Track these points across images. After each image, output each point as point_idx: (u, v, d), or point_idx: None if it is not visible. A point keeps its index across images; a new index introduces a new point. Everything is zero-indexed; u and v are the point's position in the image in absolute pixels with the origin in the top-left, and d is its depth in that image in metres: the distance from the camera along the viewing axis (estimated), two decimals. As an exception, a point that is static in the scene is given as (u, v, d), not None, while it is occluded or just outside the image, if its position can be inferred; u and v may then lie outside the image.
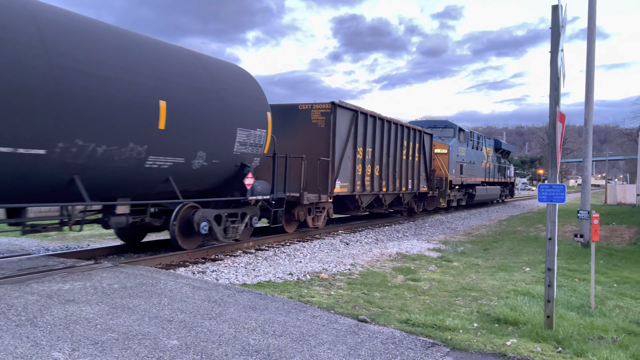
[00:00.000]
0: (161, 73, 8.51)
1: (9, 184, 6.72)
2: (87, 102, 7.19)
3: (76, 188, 7.37)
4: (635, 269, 10.99)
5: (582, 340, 5.32)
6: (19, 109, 6.41)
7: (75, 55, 7.10)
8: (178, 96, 8.70)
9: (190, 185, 9.66)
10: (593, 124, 14.71)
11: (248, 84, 10.81)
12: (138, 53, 8.23)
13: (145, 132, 8.10)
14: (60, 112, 6.86)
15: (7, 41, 6.31)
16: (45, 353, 3.91)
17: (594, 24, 14.35)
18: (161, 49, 8.94)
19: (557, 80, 5.66)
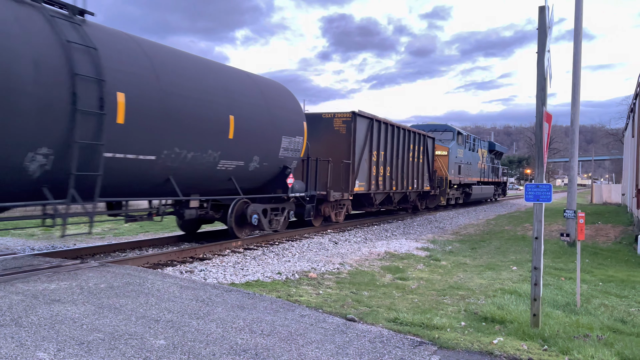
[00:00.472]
0: (229, 93, 10.40)
1: (132, 182, 8.67)
2: (182, 118, 9.06)
3: (171, 185, 9.34)
4: (620, 268, 11.12)
5: (567, 339, 5.38)
6: (144, 126, 8.28)
7: (174, 82, 9.00)
8: (241, 111, 10.59)
9: (245, 183, 11.44)
10: (579, 125, 14.86)
11: (288, 98, 12.76)
12: (213, 78, 10.16)
13: (219, 141, 10.02)
14: (166, 127, 8.71)
15: (134, 74, 8.20)
16: (30, 353, 3.87)
17: (581, 25, 14.49)
18: (227, 72, 10.85)
19: (544, 80, 5.71)
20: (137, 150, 8.29)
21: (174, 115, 8.86)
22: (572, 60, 14.55)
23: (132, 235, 13.67)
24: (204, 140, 9.62)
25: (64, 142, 7.18)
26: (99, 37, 7.97)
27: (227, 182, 10.78)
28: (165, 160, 8.88)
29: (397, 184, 18.68)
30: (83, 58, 7.42)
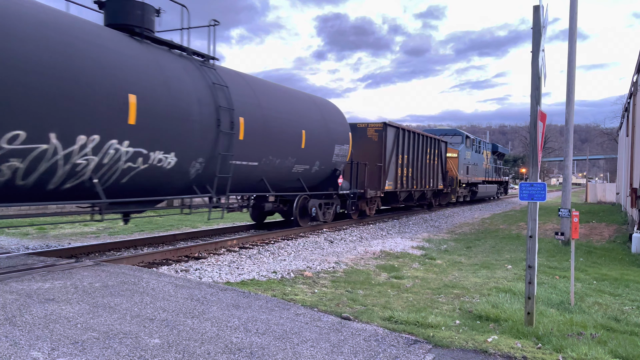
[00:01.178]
0: (301, 112, 13.39)
1: (242, 182, 11.45)
2: (274, 134, 11.91)
3: (264, 184, 12.27)
4: (614, 266, 11.18)
5: (561, 337, 5.40)
6: (253, 140, 11.29)
7: (270, 107, 11.96)
8: (309, 126, 13.49)
9: (307, 183, 14.12)
10: (574, 124, 14.91)
11: (337, 113, 15.68)
12: (290, 101, 13.16)
13: (295, 150, 12.87)
14: (265, 141, 11.59)
15: (247, 103, 11.14)
16: (24, 353, 3.86)
17: (575, 25, 14.54)
18: (299, 96, 13.98)
19: (539, 79, 5.73)
20: (249, 158, 11.28)
21: (270, 132, 11.79)
22: (567, 59, 14.61)
23: (127, 234, 13.63)
24: (286, 150, 12.51)
25: (210, 154, 10.09)
26: (225, 77, 10.84)
27: (296, 181, 13.66)
28: (263, 165, 11.82)
29: (417, 183, 21.40)
30: (220, 94, 10.37)
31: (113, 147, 8.06)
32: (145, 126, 8.54)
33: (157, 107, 8.76)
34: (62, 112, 7.17)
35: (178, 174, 9.52)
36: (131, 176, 8.63)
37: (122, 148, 8.21)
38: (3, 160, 6.64)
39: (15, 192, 7.06)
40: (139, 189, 9.04)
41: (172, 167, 9.31)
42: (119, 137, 8.10)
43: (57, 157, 7.27)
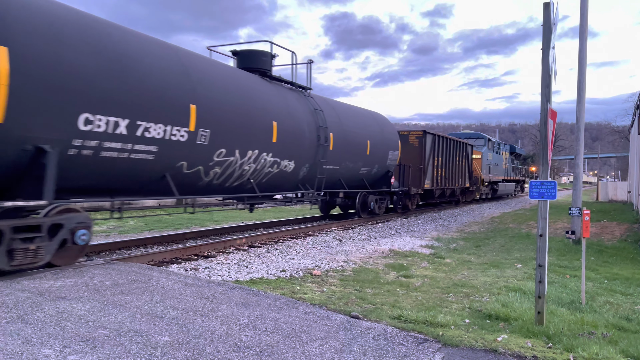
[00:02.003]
0: (365, 126, 16.46)
1: (328, 181, 14.48)
2: (350, 144, 15.17)
3: (340, 183, 15.48)
4: (626, 266, 11.08)
5: (572, 336, 5.37)
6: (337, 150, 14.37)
7: (347, 123, 15.15)
8: (371, 136, 16.54)
9: (368, 182, 17.33)
10: (585, 122, 14.79)
11: (389, 124, 18.92)
12: (357, 117, 16.33)
13: (362, 156, 16.00)
14: (344, 150, 14.79)
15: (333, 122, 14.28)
16: (36, 350, 3.90)
17: (586, 22, 14.41)
18: (363, 112, 17.32)
19: (549, 77, 5.69)
20: (334, 163, 14.47)
21: (347, 143, 15.00)
22: (578, 56, 14.48)
23: (137, 233, 13.71)
24: (357, 156, 15.67)
25: (313, 161, 13.30)
26: (318, 102, 14.12)
27: (360, 181, 16.78)
28: (342, 169, 15.02)
29: (449, 182, 24.41)
30: (319, 116, 13.62)
31: (263, 158, 11.36)
32: (281, 143, 11.79)
33: (286, 128, 12.02)
34: (242, 137, 10.49)
35: (293, 175, 12.85)
36: (269, 177, 11.97)
37: (268, 158, 11.52)
38: (211, 167, 9.93)
39: (210, 188, 10.48)
40: (272, 186, 12.41)
41: (291, 171, 12.64)
42: (267, 150, 11.38)
43: (236, 165, 10.59)
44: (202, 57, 10.35)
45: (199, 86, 9.33)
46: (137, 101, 7.99)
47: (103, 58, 7.54)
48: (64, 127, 7.02)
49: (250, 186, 11.41)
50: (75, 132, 7.18)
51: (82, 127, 7.25)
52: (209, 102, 9.48)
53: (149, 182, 8.83)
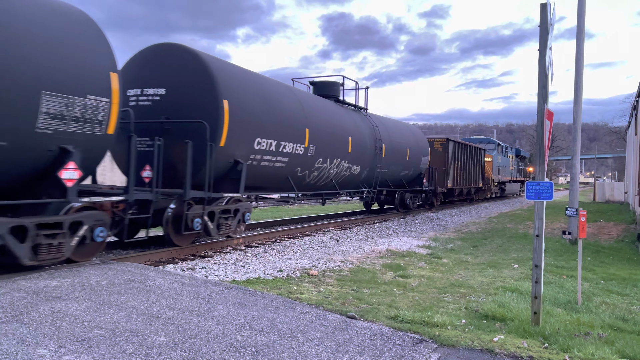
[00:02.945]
0: (404, 136, 19.82)
1: (381, 181, 18.11)
2: (395, 151, 18.46)
3: (387, 183, 18.94)
4: (622, 266, 11.10)
5: (568, 336, 5.37)
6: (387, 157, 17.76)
7: (392, 135, 18.33)
8: (409, 145, 19.99)
9: (406, 182, 20.97)
10: (582, 122, 14.81)
11: (421, 134, 22.55)
12: (398, 129, 19.61)
13: (403, 161, 19.36)
14: (391, 157, 18.04)
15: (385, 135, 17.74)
16: (31, 350, 3.88)
17: (583, 23, 14.44)
18: (400, 124, 20.56)
19: (546, 78, 5.69)
20: (385, 167, 17.90)
21: (393, 151, 18.29)
22: (575, 57, 14.51)
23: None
24: (399, 161, 19.08)
25: (371, 166, 16.65)
26: (373, 119, 17.55)
27: (399, 181, 20.24)
28: (389, 172, 18.47)
29: (466, 182, 27.99)
30: (375, 131, 17.05)
31: (342, 164, 14.82)
32: (353, 152, 15.32)
33: (356, 142, 15.53)
34: (331, 149, 13.99)
35: (358, 177, 16.37)
36: (343, 178, 15.51)
37: (344, 164, 14.99)
38: (312, 172, 13.48)
39: (308, 186, 14.02)
40: (343, 185, 15.80)
41: (357, 174, 16.14)
42: (344, 158, 14.88)
43: (326, 169, 14.07)
44: (306, 93, 14.43)
45: (309, 115, 13.05)
46: (279, 128, 11.56)
47: (262, 100, 11.18)
48: (247, 148, 10.65)
49: (332, 185, 15.12)
50: (252, 150, 10.81)
51: (255, 147, 10.88)
52: (315, 125, 13.18)
53: (279, 182, 12.51)
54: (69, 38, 7.02)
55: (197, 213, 9.56)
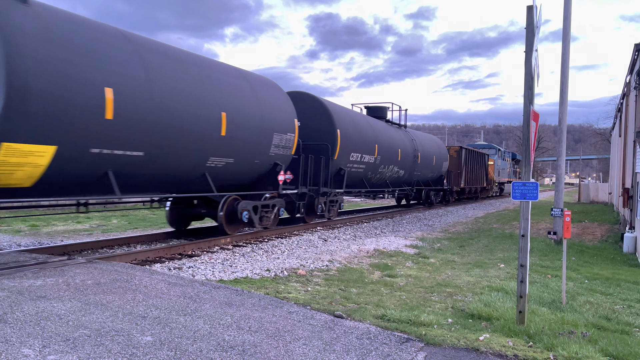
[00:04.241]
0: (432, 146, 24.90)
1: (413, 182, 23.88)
2: (426, 159, 23.64)
3: (418, 183, 24.23)
4: (606, 266, 11.25)
5: (552, 335, 5.43)
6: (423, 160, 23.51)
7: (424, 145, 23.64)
8: (434, 153, 24.88)
9: (431, 182, 25.75)
10: (567, 124, 14.98)
11: (442, 143, 26.93)
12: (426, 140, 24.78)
13: (430, 166, 24.50)
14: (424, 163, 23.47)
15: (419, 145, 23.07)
16: (15, 350, 3.84)
17: (569, 25, 14.60)
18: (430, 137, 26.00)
19: (532, 79, 5.75)
20: (418, 171, 22.72)
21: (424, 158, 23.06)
22: (561, 59, 14.67)
23: (120, 232, 13.58)
24: (428, 166, 24.05)
25: (410, 170, 21.75)
26: (411, 133, 22.65)
27: (426, 182, 25.27)
28: (421, 174, 23.40)
29: (473, 182, 33.11)
30: (413, 143, 22.11)
31: (394, 169, 20.02)
32: (402, 160, 20.53)
33: (403, 152, 20.71)
34: (388, 158, 19.00)
35: (401, 178, 21.57)
36: (393, 179, 20.67)
37: (395, 168, 20.06)
38: (375, 174, 18.43)
39: (372, 185, 19.07)
40: (392, 184, 21.17)
41: (401, 175, 21.26)
42: (395, 164, 20.02)
43: (384, 172, 19.10)
44: (372, 118, 19.63)
45: (376, 134, 18.30)
46: (362, 145, 16.87)
47: (354, 127, 16.50)
48: (347, 159, 15.98)
49: (386, 184, 20.62)
50: (349, 161, 16.12)
51: (351, 159, 16.17)
52: (380, 141, 18.37)
53: (358, 182, 18.05)
54: (280, 102, 12.62)
55: (320, 200, 15.23)
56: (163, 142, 8.79)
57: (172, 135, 8.90)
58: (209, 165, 10.17)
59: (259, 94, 11.64)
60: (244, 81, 11.38)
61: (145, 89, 8.36)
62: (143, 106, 8.30)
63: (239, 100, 10.77)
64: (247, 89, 11.22)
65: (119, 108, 7.87)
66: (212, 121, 9.79)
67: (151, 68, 8.60)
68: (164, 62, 9.03)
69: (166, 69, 8.96)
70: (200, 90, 9.58)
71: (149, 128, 8.45)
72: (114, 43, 8.17)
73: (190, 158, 9.56)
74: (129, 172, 8.57)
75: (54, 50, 7.05)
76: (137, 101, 8.20)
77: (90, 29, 7.93)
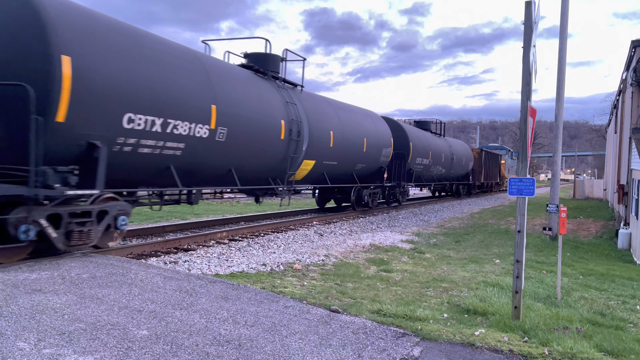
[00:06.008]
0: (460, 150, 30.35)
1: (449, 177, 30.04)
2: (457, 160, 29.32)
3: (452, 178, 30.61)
4: (601, 262, 11.31)
5: (547, 330, 5.46)
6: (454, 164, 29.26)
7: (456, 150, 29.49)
8: (463, 155, 30.70)
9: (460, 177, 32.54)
10: (563, 120, 15.01)
11: (468, 146, 34.14)
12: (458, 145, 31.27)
13: (460, 164, 29.97)
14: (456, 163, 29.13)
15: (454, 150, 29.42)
16: (10, 343, 3.83)
17: (566, 21, 14.60)
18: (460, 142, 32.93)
19: (529, 75, 5.75)
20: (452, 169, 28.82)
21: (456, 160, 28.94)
22: (558, 55, 14.68)
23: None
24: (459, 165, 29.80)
25: (448, 168, 27.78)
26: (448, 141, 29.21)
27: (455, 177, 30.32)
28: (455, 172, 29.43)
29: (490, 178, 39.33)
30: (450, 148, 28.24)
31: (439, 168, 25.59)
32: (444, 162, 26.22)
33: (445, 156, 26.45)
34: (436, 161, 24.88)
35: (442, 175, 26.79)
36: (437, 175, 26.09)
37: (440, 168, 25.69)
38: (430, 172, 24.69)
39: (423, 178, 24.08)
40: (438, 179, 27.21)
41: (443, 173, 26.66)
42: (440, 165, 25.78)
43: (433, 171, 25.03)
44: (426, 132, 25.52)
45: (430, 143, 23.91)
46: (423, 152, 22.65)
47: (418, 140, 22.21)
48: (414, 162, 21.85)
49: (435, 179, 26.44)
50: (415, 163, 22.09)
51: (416, 162, 21.96)
52: (432, 149, 23.97)
53: (417, 178, 22.61)
54: (385, 128, 18.97)
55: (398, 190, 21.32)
56: (342, 156, 15.38)
57: (345, 152, 15.52)
58: (356, 169, 16.96)
59: (376, 124, 18.33)
60: (368, 117, 18.03)
61: (341, 130, 15.18)
62: (341, 139, 15.08)
63: (368, 129, 17.29)
64: (370, 122, 17.85)
65: (335, 142, 14.75)
66: (358, 143, 16.35)
67: (342, 118, 15.65)
68: (345, 114, 16.18)
69: (347, 118, 16.08)
70: (354, 126, 16.31)
71: (340, 150, 15.12)
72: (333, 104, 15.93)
73: (351, 164, 16.37)
74: (329, 172, 15.25)
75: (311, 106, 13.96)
76: (340, 137, 15.03)
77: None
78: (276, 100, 12.04)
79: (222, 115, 9.76)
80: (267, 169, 12.09)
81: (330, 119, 14.61)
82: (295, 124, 12.52)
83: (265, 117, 11.31)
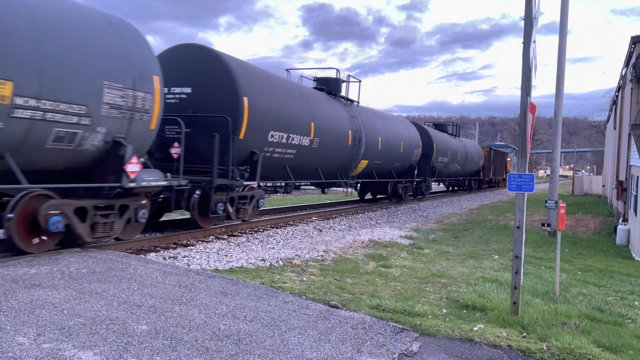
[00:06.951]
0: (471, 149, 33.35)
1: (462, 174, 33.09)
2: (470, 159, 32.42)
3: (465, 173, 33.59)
4: (599, 258, 11.33)
5: (546, 326, 5.47)
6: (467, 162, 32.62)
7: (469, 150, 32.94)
8: (474, 154, 33.75)
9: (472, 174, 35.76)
10: (562, 116, 15.00)
11: (477, 145, 39.06)
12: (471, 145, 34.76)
13: (472, 163, 33.12)
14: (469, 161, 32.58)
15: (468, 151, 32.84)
16: (10, 338, 3.83)
17: (567, 17, 14.57)
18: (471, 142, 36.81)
19: (529, 71, 5.74)
20: (465, 167, 32.07)
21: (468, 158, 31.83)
22: (557, 50, 14.65)
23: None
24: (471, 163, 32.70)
25: (463, 165, 31.04)
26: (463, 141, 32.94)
27: (469, 174, 34.00)
28: (468, 168, 32.56)
29: (497, 174, 42.83)
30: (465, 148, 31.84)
31: (455, 165, 28.92)
32: (459, 160, 29.34)
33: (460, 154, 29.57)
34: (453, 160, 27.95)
35: (458, 171, 30.22)
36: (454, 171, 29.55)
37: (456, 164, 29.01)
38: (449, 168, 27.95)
39: (442, 174, 27.51)
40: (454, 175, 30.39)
41: (458, 169, 30.24)
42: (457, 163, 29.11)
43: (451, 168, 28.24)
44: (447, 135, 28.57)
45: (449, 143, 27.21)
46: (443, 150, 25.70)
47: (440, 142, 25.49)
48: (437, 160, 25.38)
49: (451, 174, 29.22)
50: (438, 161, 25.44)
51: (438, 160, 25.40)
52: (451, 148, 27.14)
53: (437, 173, 25.59)
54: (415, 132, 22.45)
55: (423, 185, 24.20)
56: (386, 157, 18.62)
57: (388, 153, 18.71)
58: (394, 166, 20.08)
59: (408, 129, 21.47)
60: (402, 124, 21.17)
61: (385, 135, 18.38)
62: (385, 143, 18.30)
63: (403, 134, 20.40)
64: (404, 128, 20.98)
65: (382, 145, 17.94)
66: (397, 146, 19.52)
67: (386, 126, 18.82)
68: (387, 122, 19.36)
69: (389, 125, 19.23)
70: (394, 132, 19.40)
71: (385, 152, 18.31)
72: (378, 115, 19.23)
73: (391, 163, 19.50)
74: (376, 169, 18.56)
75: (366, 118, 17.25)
76: (385, 142, 18.21)
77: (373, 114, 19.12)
78: (344, 115, 15.47)
79: (317, 128, 13.48)
80: (337, 167, 15.53)
81: (378, 127, 18.04)
82: (357, 132, 16.03)
83: (339, 128, 14.78)
